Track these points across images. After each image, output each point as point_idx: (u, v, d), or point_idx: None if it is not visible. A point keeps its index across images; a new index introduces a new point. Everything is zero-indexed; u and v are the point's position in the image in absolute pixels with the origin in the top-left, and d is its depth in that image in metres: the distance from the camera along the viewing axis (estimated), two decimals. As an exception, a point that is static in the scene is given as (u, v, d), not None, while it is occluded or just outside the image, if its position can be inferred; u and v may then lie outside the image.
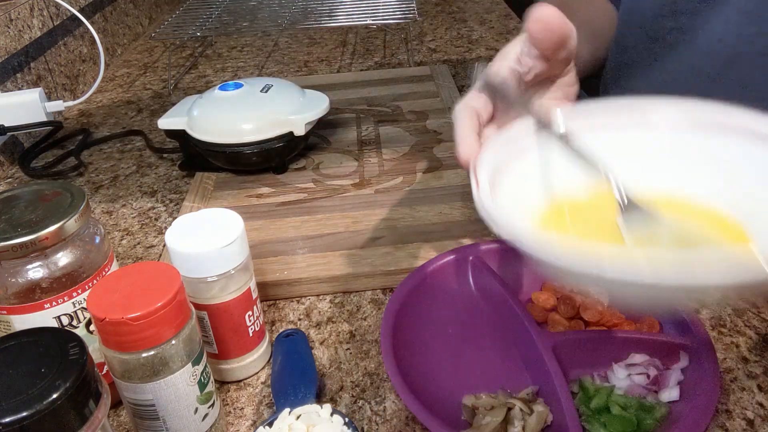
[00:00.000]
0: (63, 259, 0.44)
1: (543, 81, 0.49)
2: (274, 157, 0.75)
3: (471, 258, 0.55)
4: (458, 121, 0.46)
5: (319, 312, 0.57)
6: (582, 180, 0.41)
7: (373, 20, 1.08)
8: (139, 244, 0.69)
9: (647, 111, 0.43)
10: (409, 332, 0.50)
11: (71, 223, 0.44)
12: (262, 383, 0.51)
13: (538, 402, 0.44)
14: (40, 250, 0.42)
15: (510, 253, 0.56)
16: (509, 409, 0.43)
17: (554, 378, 0.43)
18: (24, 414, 0.30)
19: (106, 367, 0.42)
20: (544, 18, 0.42)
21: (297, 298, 0.59)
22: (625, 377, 0.46)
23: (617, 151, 0.42)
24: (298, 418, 0.42)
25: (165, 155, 0.86)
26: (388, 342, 0.47)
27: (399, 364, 0.45)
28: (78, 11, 0.95)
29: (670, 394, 0.44)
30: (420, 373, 0.48)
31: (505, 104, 0.47)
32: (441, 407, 0.45)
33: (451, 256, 0.55)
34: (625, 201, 0.38)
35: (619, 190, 0.39)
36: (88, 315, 0.45)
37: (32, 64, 0.96)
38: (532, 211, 0.41)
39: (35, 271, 0.43)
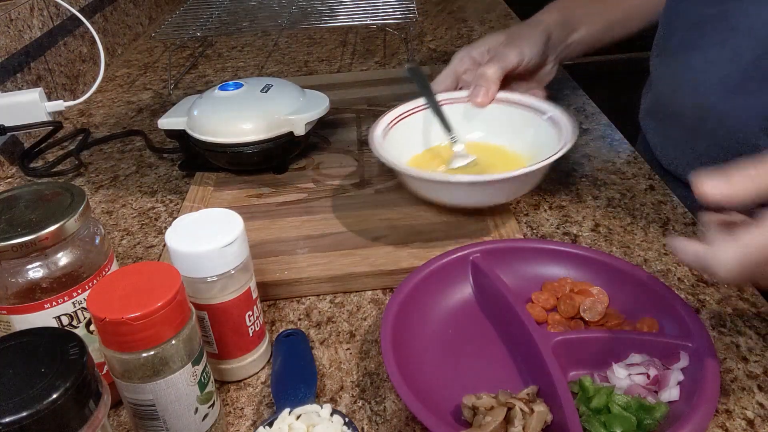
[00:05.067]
0: (63, 259, 0.44)
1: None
2: (274, 157, 0.75)
3: (471, 258, 0.55)
4: (450, 63, 0.75)
5: (319, 312, 0.57)
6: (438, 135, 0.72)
7: (373, 20, 1.08)
8: (139, 244, 0.69)
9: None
10: (409, 332, 0.50)
11: (71, 223, 0.44)
12: (262, 383, 0.51)
13: (538, 402, 0.44)
14: (40, 250, 0.42)
15: (510, 253, 0.56)
16: (509, 409, 0.43)
17: (554, 378, 0.43)
18: (24, 414, 0.30)
19: (106, 367, 0.42)
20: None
21: (297, 298, 0.59)
22: (625, 377, 0.46)
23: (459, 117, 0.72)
24: (298, 418, 0.42)
25: (165, 155, 0.86)
26: (388, 342, 0.47)
27: (399, 364, 0.45)
28: (78, 11, 0.95)
29: (670, 394, 0.44)
30: (420, 373, 0.48)
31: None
32: (441, 407, 0.46)
33: (451, 256, 0.55)
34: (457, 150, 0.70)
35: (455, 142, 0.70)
36: (88, 315, 0.45)
37: (32, 64, 0.96)
38: (409, 151, 0.71)
39: (35, 271, 0.43)
